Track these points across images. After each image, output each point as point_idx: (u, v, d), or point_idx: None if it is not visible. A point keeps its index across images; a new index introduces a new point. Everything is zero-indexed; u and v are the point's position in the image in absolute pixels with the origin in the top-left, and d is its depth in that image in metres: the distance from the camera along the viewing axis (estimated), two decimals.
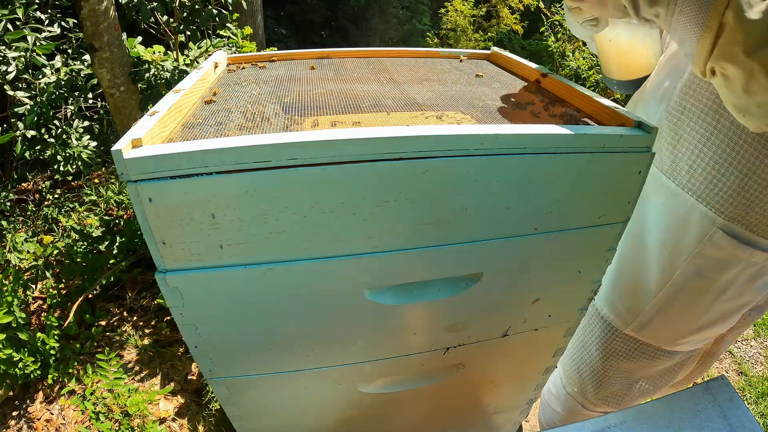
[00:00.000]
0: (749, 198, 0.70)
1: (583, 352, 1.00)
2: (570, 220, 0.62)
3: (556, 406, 1.14)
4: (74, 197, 2.54)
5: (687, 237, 0.77)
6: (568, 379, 1.07)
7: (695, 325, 0.84)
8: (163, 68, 1.72)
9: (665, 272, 0.81)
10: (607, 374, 0.98)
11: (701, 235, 0.75)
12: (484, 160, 0.53)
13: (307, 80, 0.76)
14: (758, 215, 0.71)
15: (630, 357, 0.93)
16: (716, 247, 0.75)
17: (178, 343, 1.81)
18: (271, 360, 0.66)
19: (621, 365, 0.95)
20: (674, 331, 0.86)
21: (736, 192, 0.70)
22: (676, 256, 0.79)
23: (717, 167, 0.71)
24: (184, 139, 0.52)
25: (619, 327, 0.90)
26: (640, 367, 0.94)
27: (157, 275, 0.53)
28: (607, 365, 0.97)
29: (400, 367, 0.74)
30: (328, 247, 0.55)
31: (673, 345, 0.89)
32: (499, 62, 0.93)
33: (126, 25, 2.00)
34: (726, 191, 0.71)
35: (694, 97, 0.72)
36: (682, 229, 0.77)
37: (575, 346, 1.03)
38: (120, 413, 1.48)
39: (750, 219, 0.72)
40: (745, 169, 0.68)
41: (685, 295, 0.80)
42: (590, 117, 0.66)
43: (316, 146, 0.48)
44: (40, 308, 1.88)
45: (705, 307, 0.81)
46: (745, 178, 0.69)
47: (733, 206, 0.71)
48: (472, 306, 0.68)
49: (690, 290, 0.80)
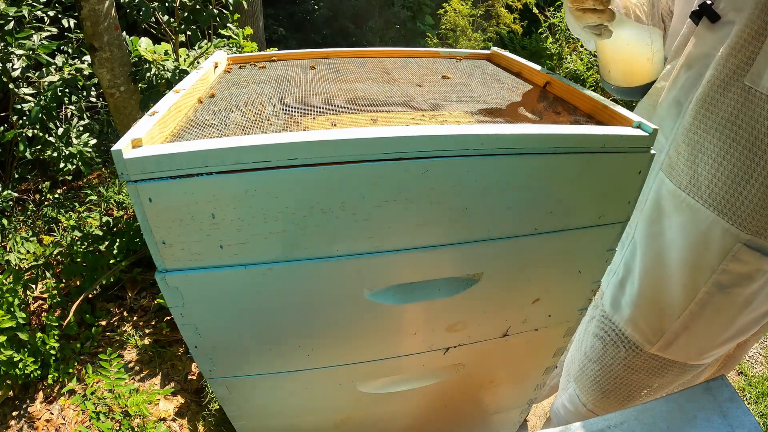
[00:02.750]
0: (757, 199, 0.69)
1: (606, 373, 0.99)
2: (570, 220, 0.62)
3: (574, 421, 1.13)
4: (74, 197, 2.54)
5: (709, 254, 0.75)
6: (588, 397, 1.06)
7: (721, 338, 0.83)
8: (164, 68, 1.72)
9: (689, 290, 0.79)
10: (633, 393, 0.97)
11: (724, 251, 0.74)
12: (484, 160, 0.53)
13: (307, 80, 0.76)
14: None
15: (656, 374, 0.91)
16: (740, 262, 0.74)
17: (178, 343, 1.81)
18: (271, 360, 0.66)
19: (647, 382, 0.94)
20: (700, 346, 0.85)
21: (759, 206, 0.69)
22: (698, 273, 0.78)
23: (738, 180, 0.70)
24: (184, 139, 0.52)
25: (644, 347, 0.89)
26: (666, 382, 0.93)
27: (157, 275, 0.53)
28: (633, 384, 0.95)
29: (400, 367, 0.74)
30: (328, 247, 0.55)
31: (699, 359, 0.87)
32: (499, 62, 0.93)
33: (126, 25, 2.00)
34: (748, 205, 0.70)
35: (711, 110, 0.71)
36: (704, 246, 0.76)
37: (596, 368, 1.01)
38: (120, 413, 1.48)
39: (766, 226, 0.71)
40: (767, 181, 0.68)
41: (711, 311, 0.79)
42: (590, 117, 0.66)
43: (316, 146, 0.48)
44: (40, 308, 1.88)
45: (730, 320, 0.80)
46: (756, 183, 0.68)
47: (756, 220, 0.70)
48: (472, 306, 0.68)
49: (715, 306, 0.78)
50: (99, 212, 2.35)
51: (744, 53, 0.66)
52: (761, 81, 0.65)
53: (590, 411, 1.07)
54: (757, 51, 0.65)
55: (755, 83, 0.65)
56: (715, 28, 0.71)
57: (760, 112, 0.66)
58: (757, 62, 0.65)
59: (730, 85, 0.68)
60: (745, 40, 0.66)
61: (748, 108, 0.67)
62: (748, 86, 0.66)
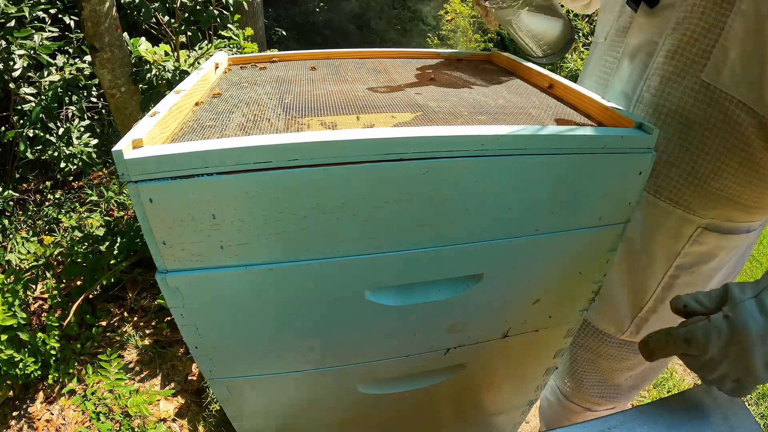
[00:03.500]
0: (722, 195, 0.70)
1: (579, 363, 1.00)
2: (570, 221, 0.62)
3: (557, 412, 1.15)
4: (75, 197, 2.54)
5: (669, 240, 0.77)
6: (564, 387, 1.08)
7: None
8: (165, 69, 1.72)
9: (653, 277, 0.81)
10: (607, 378, 0.98)
11: (684, 236, 0.75)
12: (485, 160, 0.53)
13: (308, 81, 0.76)
14: (734, 208, 0.71)
15: (628, 358, 0.93)
16: (701, 245, 0.75)
17: (179, 344, 1.81)
18: (271, 360, 0.66)
19: (619, 366, 0.95)
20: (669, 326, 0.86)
21: (709, 192, 0.70)
22: (661, 260, 0.79)
23: (696, 174, 0.69)
24: (185, 140, 0.53)
25: (615, 335, 0.90)
26: (638, 362, 0.94)
27: (157, 276, 0.53)
28: (607, 369, 0.97)
29: (400, 368, 0.74)
30: (329, 247, 0.55)
31: None
32: (500, 63, 0.93)
33: (127, 26, 2.01)
34: (708, 198, 0.70)
35: (663, 105, 0.70)
36: (664, 235, 0.76)
37: (568, 358, 1.03)
38: (120, 414, 1.48)
39: (727, 214, 0.72)
40: (714, 167, 0.68)
41: (677, 292, 0.81)
42: (591, 118, 0.66)
43: (317, 147, 0.48)
44: (41, 308, 1.88)
45: None
46: (712, 175, 0.68)
47: (714, 209, 0.71)
48: (473, 307, 0.68)
49: (680, 286, 0.80)
50: (100, 212, 2.35)
51: (698, 47, 0.64)
52: (719, 77, 0.63)
53: (569, 401, 1.08)
54: (712, 45, 0.63)
55: (713, 80, 0.63)
56: (655, 13, 0.68)
57: (719, 109, 0.64)
58: (715, 57, 0.62)
59: (684, 80, 0.66)
60: (699, 33, 0.63)
61: (706, 104, 0.65)
62: (706, 82, 0.64)
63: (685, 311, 0.57)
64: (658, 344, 0.57)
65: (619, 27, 0.76)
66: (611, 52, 0.79)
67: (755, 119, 0.63)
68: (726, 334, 0.51)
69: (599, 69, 0.82)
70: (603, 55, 0.81)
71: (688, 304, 0.56)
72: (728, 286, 0.55)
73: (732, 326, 0.51)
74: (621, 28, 0.76)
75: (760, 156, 0.65)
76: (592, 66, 0.85)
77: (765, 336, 0.50)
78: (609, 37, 0.79)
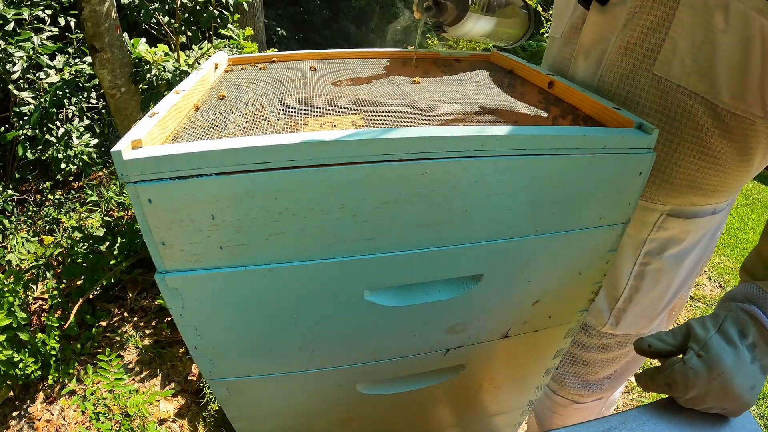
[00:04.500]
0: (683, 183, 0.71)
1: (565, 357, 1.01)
2: (570, 221, 0.62)
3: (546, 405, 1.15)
4: (75, 198, 2.54)
5: (634, 230, 0.78)
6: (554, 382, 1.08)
7: (665, 301, 0.86)
8: (164, 69, 1.72)
9: (624, 266, 0.82)
10: (592, 371, 0.99)
11: (649, 224, 0.76)
12: (485, 161, 0.53)
13: (308, 81, 0.76)
14: (695, 194, 0.72)
15: (610, 349, 0.94)
16: (666, 230, 0.76)
17: (179, 344, 1.81)
18: (271, 361, 0.66)
19: (602, 357, 0.96)
20: (647, 314, 0.88)
21: (670, 182, 0.71)
22: (629, 249, 0.80)
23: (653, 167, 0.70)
24: (184, 140, 0.52)
25: (596, 327, 0.91)
26: (621, 354, 0.96)
27: (156, 276, 0.53)
28: (590, 361, 0.98)
29: (400, 369, 0.74)
30: (328, 248, 0.55)
31: (648, 327, 0.90)
32: (500, 63, 0.93)
33: (127, 26, 2.01)
34: (660, 183, 0.71)
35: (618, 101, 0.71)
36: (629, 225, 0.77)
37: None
38: (120, 414, 1.48)
39: (690, 200, 0.73)
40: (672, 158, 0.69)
41: (650, 279, 0.82)
42: (591, 118, 0.66)
43: (316, 147, 0.48)
44: (41, 309, 1.88)
45: (669, 282, 0.83)
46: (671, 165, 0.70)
47: (672, 194, 0.72)
48: (473, 307, 0.68)
49: (652, 273, 0.81)
50: (100, 213, 2.35)
51: (648, 41, 0.65)
52: (670, 70, 0.64)
53: (556, 394, 1.09)
54: (662, 38, 0.64)
55: (665, 72, 0.64)
56: (607, 10, 0.69)
57: (672, 101, 0.65)
58: (665, 50, 0.64)
59: (637, 75, 0.67)
60: (648, 28, 0.64)
61: (660, 97, 0.66)
62: (658, 76, 0.65)
63: (650, 350, 0.58)
64: (645, 386, 0.59)
65: (572, 24, 0.77)
66: (566, 48, 0.79)
67: (709, 108, 0.64)
68: (704, 372, 0.53)
69: (555, 67, 0.83)
70: (559, 51, 0.82)
71: (651, 344, 0.58)
72: (689, 324, 0.57)
73: (708, 364, 0.53)
74: (574, 25, 0.77)
75: (717, 144, 0.67)
76: (550, 63, 0.86)
77: (740, 364, 0.53)
78: (564, 34, 0.80)
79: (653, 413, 0.58)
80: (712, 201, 0.76)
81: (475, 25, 0.78)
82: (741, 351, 0.54)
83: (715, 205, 0.77)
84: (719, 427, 0.56)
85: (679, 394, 0.56)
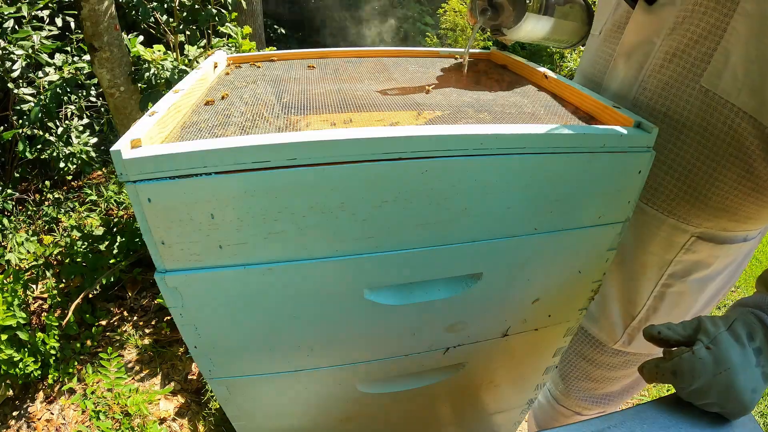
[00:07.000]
0: (718, 206, 0.67)
1: (572, 368, 1.00)
2: (570, 220, 0.62)
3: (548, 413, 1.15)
4: (74, 197, 2.54)
5: (661, 250, 0.75)
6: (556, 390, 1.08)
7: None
8: (163, 68, 1.72)
9: (646, 285, 0.79)
10: (598, 386, 0.98)
11: (677, 245, 0.73)
12: (484, 160, 0.53)
13: (307, 80, 0.76)
14: (730, 219, 0.69)
15: (620, 367, 0.93)
16: (694, 253, 0.73)
17: (178, 343, 1.81)
18: (270, 360, 0.66)
19: (610, 375, 0.95)
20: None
21: (704, 202, 0.67)
22: (653, 269, 0.77)
23: (690, 184, 0.67)
24: (184, 140, 0.52)
25: (607, 343, 0.89)
26: (630, 373, 0.94)
27: (156, 275, 0.53)
28: (598, 378, 0.96)
29: (400, 367, 0.74)
30: (328, 247, 0.55)
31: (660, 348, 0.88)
32: (499, 61, 0.93)
33: (126, 25, 2.00)
34: (694, 202, 0.68)
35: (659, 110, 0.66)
36: (656, 245, 0.75)
37: (562, 364, 1.02)
38: (120, 413, 1.48)
39: (723, 224, 0.70)
40: (710, 177, 0.65)
41: (670, 301, 0.79)
42: (590, 116, 0.66)
43: (315, 146, 0.48)
44: (41, 308, 1.88)
45: (689, 307, 0.81)
46: (707, 185, 0.66)
47: (704, 216, 0.69)
48: (472, 306, 0.68)
49: (673, 295, 0.79)
50: (99, 212, 2.35)
51: (698, 50, 0.60)
52: (720, 83, 0.59)
53: (559, 404, 1.08)
54: (713, 47, 0.58)
55: (713, 85, 0.59)
56: (654, 11, 0.64)
57: (718, 117, 0.60)
58: (715, 61, 0.58)
59: (682, 85, 0.63)
60: (699, 35, 0.59)
61: (705, 111, 0.61)
62: (705, 88, 0.60)
63: (659, 337, 0.58)
64: (650, 374, 0.59)
65: (615, 22, 0.72)
66: (606, 48, 0.75)
67: (756, 129, 0.59)
68: (711, 364, 0.53)
69: (593, 66, 0.78)
70: (597, 50, 0.77)
71: (661, 332, 0.58)
72: (701, 319, 0.57)
73: (715, 357, 0.53)
74: (617, 23, 0.72)
75: (760, 168, 0.62)
76: (587, 61, 0.81)
77: (745, 364, 0.53)
78: (604, 31, 0.75)
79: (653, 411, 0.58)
80: (746, 228, 0.71)
81: (536, 25, 0.75)
82: (747, 352, 0.53)
83: (747, 232, 0.73)
84: (719, 426, 0.56)
85: (684, 385, 0.55)
